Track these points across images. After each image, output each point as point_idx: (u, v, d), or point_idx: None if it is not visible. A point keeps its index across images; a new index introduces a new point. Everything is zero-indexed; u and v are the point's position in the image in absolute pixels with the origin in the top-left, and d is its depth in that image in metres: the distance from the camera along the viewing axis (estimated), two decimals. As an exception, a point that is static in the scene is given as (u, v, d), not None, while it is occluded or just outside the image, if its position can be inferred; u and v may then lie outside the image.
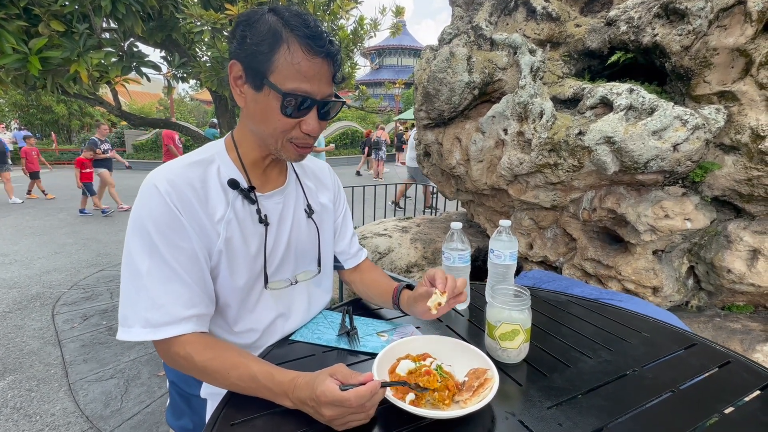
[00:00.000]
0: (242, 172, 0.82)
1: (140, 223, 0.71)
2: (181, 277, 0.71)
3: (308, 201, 0.94)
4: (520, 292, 0.81)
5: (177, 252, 0.71)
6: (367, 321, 0.98)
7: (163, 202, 0.71)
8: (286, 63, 0.69)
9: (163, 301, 0.69)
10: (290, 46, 0.69)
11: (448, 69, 2.17)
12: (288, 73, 0.69)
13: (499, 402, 0.68)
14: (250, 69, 0.72)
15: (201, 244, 0.74)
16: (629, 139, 1.65)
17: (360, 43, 3.83)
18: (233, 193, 0.79)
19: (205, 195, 0.76)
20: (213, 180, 0.78)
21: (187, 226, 0.72)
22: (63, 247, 4.89)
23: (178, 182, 0.73)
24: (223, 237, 0.77)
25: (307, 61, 0.69)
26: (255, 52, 0.70)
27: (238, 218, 0.79)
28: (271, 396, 0.66)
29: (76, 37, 2.03)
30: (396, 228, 3.00)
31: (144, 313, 0.69)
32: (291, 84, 0.70)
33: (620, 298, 1.31)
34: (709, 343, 0.86)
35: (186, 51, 2.90)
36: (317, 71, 0.71)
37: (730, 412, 0.66)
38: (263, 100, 0.72)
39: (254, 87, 0.72)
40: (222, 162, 0.80)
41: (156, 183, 0.72)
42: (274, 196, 0.86)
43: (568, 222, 2.17)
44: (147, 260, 0.70)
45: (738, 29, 1.61)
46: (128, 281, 0.71)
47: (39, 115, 18.14)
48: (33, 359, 2.56)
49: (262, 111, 0.73)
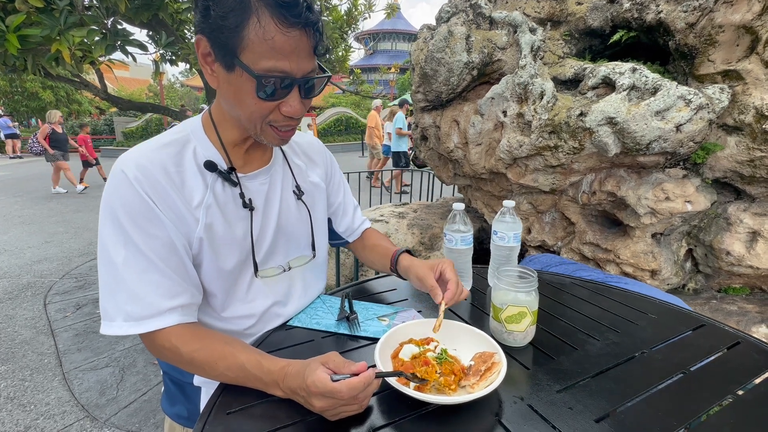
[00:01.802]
0: (222, 152, 0.75)
1: (111, 211, 0.65)
2: (159, 268, 0.66)
3: (297, 181, 0.87)
4: (526, 274, 0.78)
5: (152, 241, 0.66)
6: (367, 305, 0.95)
7: (133, 190, 0.64)
8: (257, 39, 0.59)
9: (143, 293, 0.65)
10: (260, 18, 0.58)
11: (447, 48, 2.11)
12: (261, 51, 0.60)
13: (506, 386, 0.65)
14: (217, 46, 0.62)
15: (178, 233, 0.68)
16: (632, 120, 1.62)
17: (354, 24, 3.72)
18: (212, 176, 0.73)
19: (180, 179, 0.69)
20: (189, 162, 0.71)
21: (160, 214, 0.66)
22: (53, 236, 4.80)
23: (149, 167, 0.66)
24: (203, 223, 0.70)
25: (282, 34, 0.59)
26: (221, 27, 0.60)
27: (219, 203, 0.73)
28: (262, 385, 0.63)
29: (56, 13, 1.93)
30: (393, 214, 2.97)
31: (124, 306, 0.65)
32: (265, 63, 0.61)
33: (626, 281, 1.30)
34: (718, 324, 0.85)
35: (173, 31, 2.79)
36: (295, 46, 0.61)
37: (742, 394, 0.64)
38: (236, 81, 0.64)
39: (225, 66, 0.63)
40: (199, 142, 0.73)
41: (124, 169, 0.65)
42: (259, 176, 0.79)
43: (567, 206, 2.14)
44: (122, 251, 0.65)
45: (745, 5, 1.56)
46: (105, 273, 0.66)
47: (24, 102, 17.65)
48: (26, 349, 2.52)
49: (236, 93, 0.65)
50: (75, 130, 7.33)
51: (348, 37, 4.07)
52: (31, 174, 8.95)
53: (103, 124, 16.80)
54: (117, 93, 15.82)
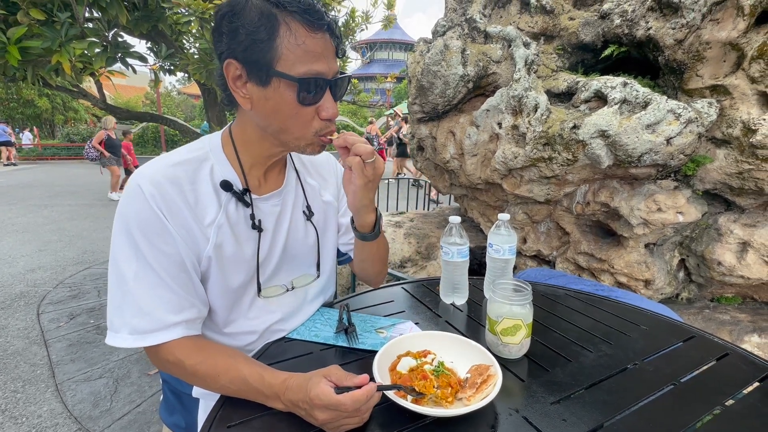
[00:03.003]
0: (239, 172, 0.75)
1: (125, 224, 0.66)
2: (167, 284, 0.67)
3: (308, 202, 0.88)
4: (521, 287, 0.80)
5: (162, 257, 0.67)
6: (364, 317, 0.96)
7: (147, 205, 0.66)
8: (291, 45, 0.62)
9: (150, 308, 0.66)
10: (290, 25, 0.61)
11: (443, 62, 2.15)
12: (296, 56, 0.62)
13: (501, 398, 0.67)
14: (250, 64, 0.64)
15: (188, 250, 0.69)
16: (623, 133, 1.65)
17: (352, 36, 3.78)
18: (226, 196, 0.74)
19: (194, 197, 0.70)
20: (204, 180, 0.72)
21: (172, 230, 0.67)
22: (47, 245, 4.76)
23: (164, 183, 0.67)
24: (213, 242, 0.72)
25: (312, 38, 0.63)
26: (253, 42, 0.62)
27: (231, 222, 0.74)
28: (263, 399, 0.64)
29: (58, 26, 1.95)
30: (389, 223, 2.99)
31: (131, 320, 0.66)
32: (302, 67, 0.63)
33: (617, 293, 1.32)
34: (708, 335, 0.87)
35: (173, 42, 2.83)
36: (324, 47, 0.64)
37: (731, 404, 0.66)
38: (273, 95, 0.65)
39: (260, 83, 0.65)
40: (217, 160, 0.74)
41: (140, 183, 0.66)
42: (272, 198, 0.80)
43: (562, 216, 2.17)
44: (133, 264, 0.66)
45: (730, 23, 1.62)
46: (114, 285, 0.67)
47: (20, 109, 17.62)
48: (18, 360, 2.48)
49: (274, 108, 0.66)
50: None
51: (345, 47, 4.13)
52: (26, 181, 8.90)
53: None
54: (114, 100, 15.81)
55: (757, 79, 1.59)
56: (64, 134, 16.74)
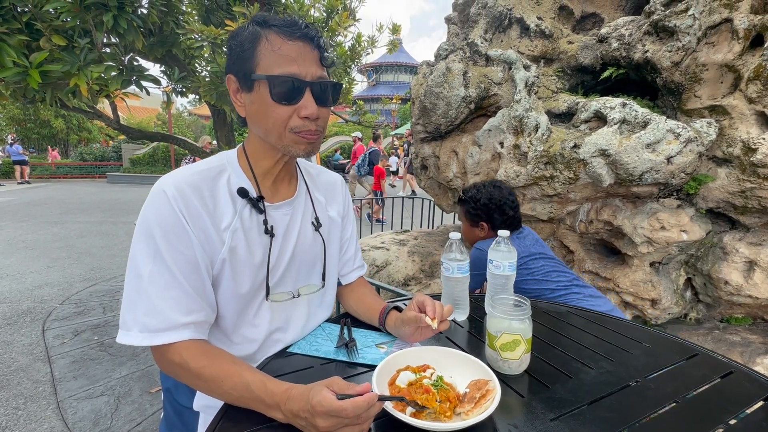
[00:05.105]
0: (253, 181, 0.82)
1: (146, 226, 0.70)
2: (181, 284, 0.71)
3: (316, 214, 0.93)
4: (520, 302, 0.80)
5: (179, 257, 0.71)
6: (365, 333, 0.96)
7: (170, 207, 0.71)
8: (267, 52, 0.71)
9: (162, 306, 0.69)
10: (268, 36, 0.71)
11: (445, 83, 2.21)
12: (271, 60, 0.71)
13: (501, 414, 0.66)
14: (240, 74, 0.74)
15: (203, 253, 0.74)
16: (623, 152, 1.67)
17: (357, 59, 3.90)
18: (242, 202, 0.79)
19: (213, 203, 0.76)
20: (222, 188, 0.78)
21: (190, 232, 0.72)
22: (56, 261, 4.82)
23: (186, 189, 0.73)
24: (228, 246, 0.76)
25: (287, 44, 0.71)
26: (240, 56, 0.73)
27: (245, 227, 0.79)
28: (263, 408, 0.64)
29: (77, 51, 2.05)
30: (393, 241, 3.00)
31: (142, 318, 0.68)
32: (277, 69, 0.71)
33: (590, 292, 1.37)
34: (711, 353, 0.86)
35: (185, 66, 2.94)
36: (299, 51, 0.72)
37: (734, 423, 0.65)
38: (256, 98, 0.74)
39: (247, 90, 0.74)
40: (233, 171, 0.81)
41: (164, 188, 0.72)
42: (283, 207, 0.86)
43: (565, 234, 2.17)
44: (150, 264, 0.69)
45: (726, 46, 1.66)
46: (131, 284, 0.70)
47: (36, 130, 18.15)
48: (21, 376, 2.49)
49: (258, 109, 0.74)
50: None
51: (351, 71, 4.25)
52: (37, 199, 9.09)
53: (111, 150, 17.19)
54: (127, 121, 16.27)
55: (755, 99, 1.61)
56: (77, 153, 17.17)
